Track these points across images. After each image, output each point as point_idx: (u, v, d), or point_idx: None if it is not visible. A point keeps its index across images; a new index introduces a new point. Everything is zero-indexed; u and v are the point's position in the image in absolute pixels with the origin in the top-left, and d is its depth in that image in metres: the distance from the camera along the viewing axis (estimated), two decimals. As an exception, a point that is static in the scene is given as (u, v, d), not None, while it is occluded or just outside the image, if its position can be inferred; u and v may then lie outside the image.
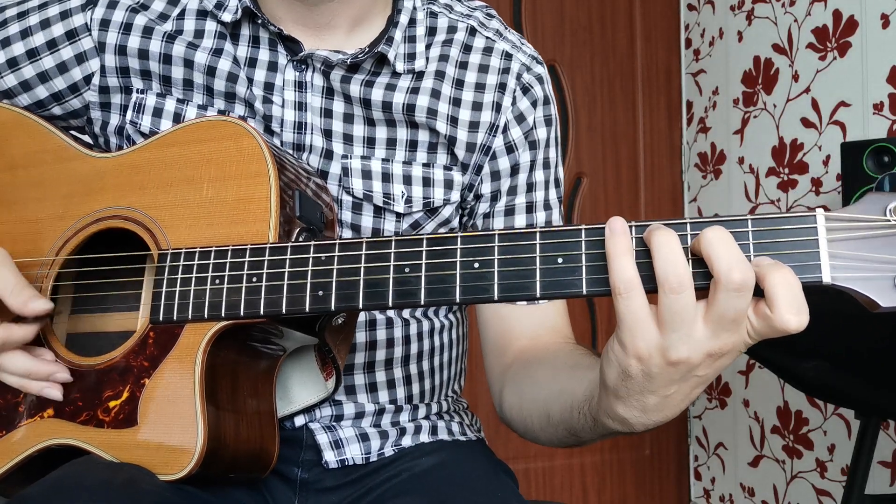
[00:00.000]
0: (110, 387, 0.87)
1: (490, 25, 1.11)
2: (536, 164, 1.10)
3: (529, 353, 1.03)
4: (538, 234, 0.71)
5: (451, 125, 1.05)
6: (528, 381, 0.98)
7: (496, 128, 1.06)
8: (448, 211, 1.07)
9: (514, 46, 1.10)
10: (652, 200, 2.96)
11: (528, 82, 1.08)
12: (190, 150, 0.91)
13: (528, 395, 0.97)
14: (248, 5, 1.01)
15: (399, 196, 1.03)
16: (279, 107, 1.02)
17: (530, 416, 0.96)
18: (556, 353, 0.99)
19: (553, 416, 0.89)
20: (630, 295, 0.66)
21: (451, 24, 1.09)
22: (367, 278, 0.75)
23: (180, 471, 0.82)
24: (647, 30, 2.96)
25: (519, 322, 1.06)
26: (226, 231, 0.86)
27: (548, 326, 1.06)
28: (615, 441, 2.91)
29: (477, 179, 1.08)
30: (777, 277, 0.63)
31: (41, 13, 1.05)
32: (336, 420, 1.04)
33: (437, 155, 1.06)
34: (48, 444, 0.88)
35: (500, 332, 1.08)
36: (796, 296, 0.63)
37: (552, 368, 0.95)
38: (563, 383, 0.89)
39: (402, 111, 1.03)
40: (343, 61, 1.01)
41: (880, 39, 2.13)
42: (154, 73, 1.03)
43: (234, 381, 0.89)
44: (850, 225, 0.64)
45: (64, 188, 0.97)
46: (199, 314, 0.81)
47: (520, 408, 0.98)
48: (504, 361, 1.06)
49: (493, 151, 1.07)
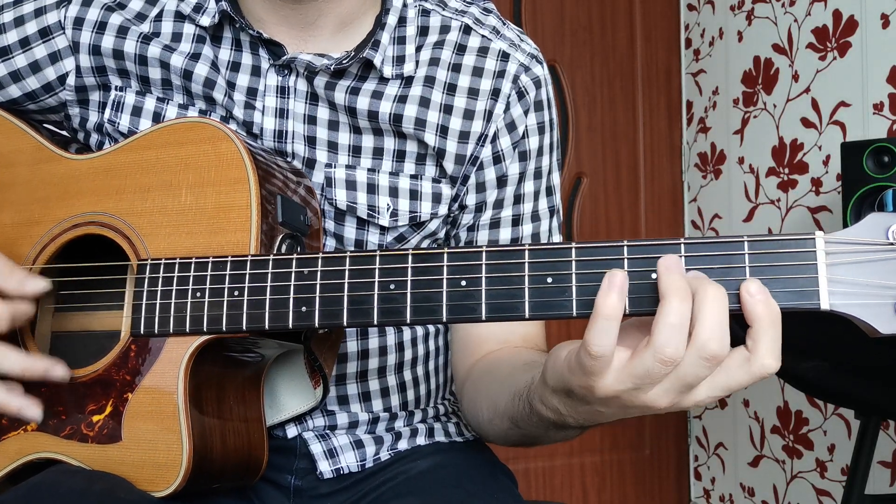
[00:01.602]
0: (93, 400, 0.86)
1: (486, 22, 1.05)
2: (526, 175, 1.05)
3: (494, 354, 1.01)
4: (527, 251, 0.69)
5: (440, 136, 1.00)
6: (486, 375, 0.97)
7: (485, 137, 1.01)
8: (435, 224, 1.03)
9: (512, 45, 1.04)
10: (652, 200, 2.95)
11: (525, 86, 1.02)
12: (167, 154, 0.89)
13: (483, 388, 0.96)
14: (225, 9, 0.97)
15: (384, 209, 1.00)
16: (260, 113, 0.99)
17: (481, 408, 0.95)
18: (518, 353, 0.98)
19: (499, 405, 0.89)
20: (605, 356, 0.65)
21: (444, 22, 1.04)
22: (351, 295, 0.74)
23: (166, 488, 0.81)
24: (647, 30, 2.95)
25: (490, 326, 1.04)
26: (206, 240, 0.84)
27: (519, 334, 1.04)
28: (615, 441, 2.91)
29: (462, 190, 1.03)
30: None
31: (16, 10, 1.03)
32: (330, 429, 1.03)
33: (425, 166, 1.02)
34: (31, 458, 0.87)
35: (469, 332, 1.05)
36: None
37: (510, 365, 0.94)
38: (516, 376, 0.88)
39: (389, 121, 0.99)
40: (327, 67, 0.97)
41: (880, 39, 2.12)
42: (131, 72, 1.00)
43: (220, 392, 0.88)
44: (850, 248, 0.63)
45: (39, 191, 0.95)
46: (181, 328, 0.80)
47: (474, 400, 0.98)
48: (468, 362, 1.04)
49: (481, 161, 1.02)
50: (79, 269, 0.94)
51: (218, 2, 0.98)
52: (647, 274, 0.67)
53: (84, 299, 0.97)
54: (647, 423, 2.96)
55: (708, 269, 0.66)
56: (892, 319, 0.62)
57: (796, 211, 2.44)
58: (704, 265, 0.66)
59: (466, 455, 1.06)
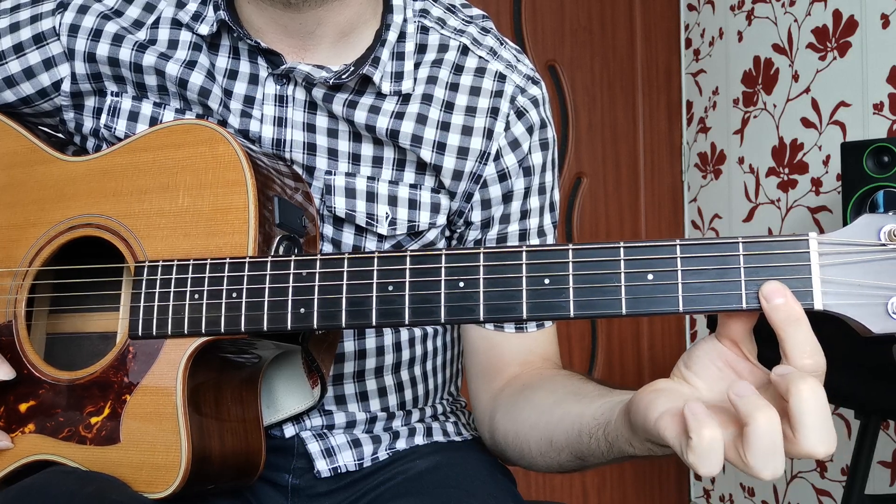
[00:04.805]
0: (91, 402, 0.86)
1: (484, 43, 1.05)
2: (531, 191, 1.05)
3: (523, 378, 1.00)
4: (524, 253, 0.69)
5: (437, 152, 1.00)
6: (525, 405, 0.95)
7: (487, 155, 1.01)
8: (433, 234, 1.04)
9: (509, 66, 1.04)
10: (652, 200, 2.95)
11: (523, 106, 1.03)
12: (164, 156, 0.89)
13: (525, 420, 0.94)
14: (223, 19, 0.97)
15: (383, 217, 1.00)
16: (257, 121, 0.99)
17: (527, 442, 0.93)
18: (553, 379, 0.97)
19: (556, 441, 0.87)
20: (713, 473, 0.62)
21: (442, 41, 1.03)
22: (349, 296, 0.74)
23: (165, 489, 0.81)
24: (647, 30, 2.95)
25: (510, 349, 1.03)
26: (203, 242, 0.84)
27: (538, 353, 1.04)
28: (615, 442, 2.90)
29: (467, 207, 1.04)
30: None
31: (11, 16, 1.03)
32: (328, 429, 1.03)
33: (424, 176, 1.02)
34: (29, 460, 0.87)
35: (489, 358, 1.04)
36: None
37: (552, 394, 0.92)
38: (567, 409, 0.87)
39: (386, 136, 0.99)
40: (326, 81, 0.96)
41: (880, 39, 2.11)
42: (127, 78, 1.00)
43: (218, 393, 0.88)
44: (843, 249, 0.63)
45: (35, 193, 0.95)
46: (179, 330, 0.80)
47: (515, 434, 0.96)
48: (493, 388, 1.03)
49: (485, 179, 1.02)
50: (75, 272, 0.94)
51: (216, 11, 0.98)
52: (644, 275, 0.67)
53: (80, 301, 0.97)
54: (647, 424, 2.95)
55: (703, 271, 0.66)
56: (884, 319, 0.63)
57: (796, 211, 2.43)
58: (700, 266, 0.66)
59: (465, 455, 1.05)
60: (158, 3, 1.01)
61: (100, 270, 0.93)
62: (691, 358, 0.69)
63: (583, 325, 2.87)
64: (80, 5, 1.00)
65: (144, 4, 1.01)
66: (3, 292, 0.93)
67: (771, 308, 0.64)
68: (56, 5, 1.01)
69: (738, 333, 0.68)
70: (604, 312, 0.68)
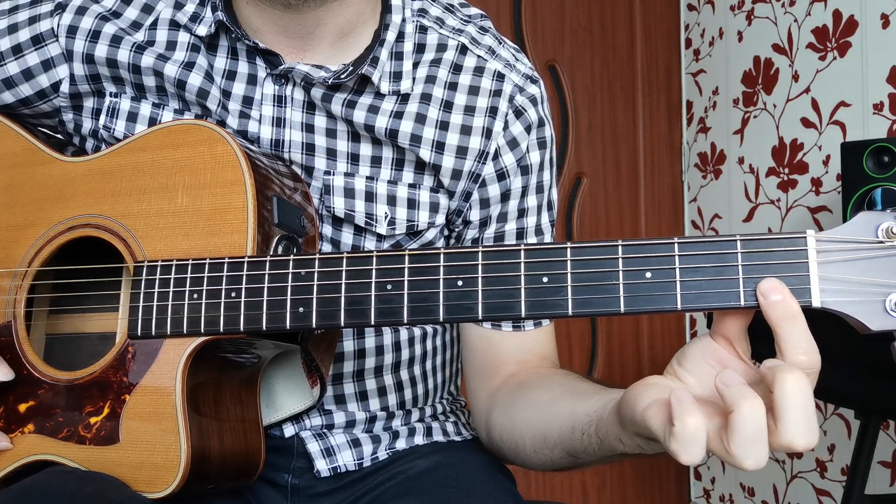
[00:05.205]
0: (90, 402, 0.86)
1: (483, 42, 1.05)
2: (529, 190, 1.05)
3: (520, 377, 1.01)
4: (522, 251, 0.69)
5: (436, 151, 1.00)
6: (522, 403, 0.96)
7: (486, 154, 1.02)
8: (432, 234, 1.04)
9: (508, 65, 1.04)
10: (652, 200, 2.95)
11: (522, 105, 1.03)
12: (163, 156, 0.89)
13: (521, 417, 0.94)
14: (221, 19, 0.97)
15: (382, 217, 1.00)
16: (256, 122, 0.99)
17: (522, 439, 0.94)
18: (550, 378, 0.97)
19: (550, 437, 0.88)
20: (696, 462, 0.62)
21: (440, 41, 1.04)
22: (348, 295, 0.74)
23: (164, 489, 0.82)
24: (647, 30, 2.95)
25: (507, 347, 1.04)
26: (202, 242, 0.84)
27: (536, 352, 1.04)
28: (615, 442, 2.90)
29: (465, 206, 1.04)
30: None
31: (10, 18, 1.03)
32: (327, 428, 1.03)
33: (423, 176, 1.02)
34: (28, 460, 0.87)
35: (487, 356, 1.05)
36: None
37: (548, 392, 0.93)
38: (563, 406, 0.87)
39: (385, 135, 0.99)
40: (324, 80, 0.96)
41: (880, 39, 2.11)
42: (126, 79, 1.00)
43: (217, 393, 0.88)
44: (841, 247, 0.63)
45: (34, 193, 0.95)
46: (178, 330, 0.80)
47: (511, 431, 0.96)
48: (491, 386, 1.04)
49: (483, 178, 1.02)
50: (75, 272, 0.94)
51: (214, 12, 0.98)
52: (642, 273, 0.67)
53: (80, 302, 0.97)
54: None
55: (701, 269, 0.66)
56: (882, 316, 0.63)
57: (796, 211, 2.43)
58: (698, 264, 0.66)
59: (465, 454, 1.05)
60: (156, 5, 1.01)
61: (99, 270, 0.93)
62: (684, 355, 0.69)
63: (583, 325, 2.87)
64: (78, 7, 1.00)
65: (142, 6, 1.01)
66: (3, 293, 0.93)
67: (768, 304, 0.64)
68: (54, 7, 1.01)
69: (732, 331, 0.68)
70: (602, 311, 0.68)
